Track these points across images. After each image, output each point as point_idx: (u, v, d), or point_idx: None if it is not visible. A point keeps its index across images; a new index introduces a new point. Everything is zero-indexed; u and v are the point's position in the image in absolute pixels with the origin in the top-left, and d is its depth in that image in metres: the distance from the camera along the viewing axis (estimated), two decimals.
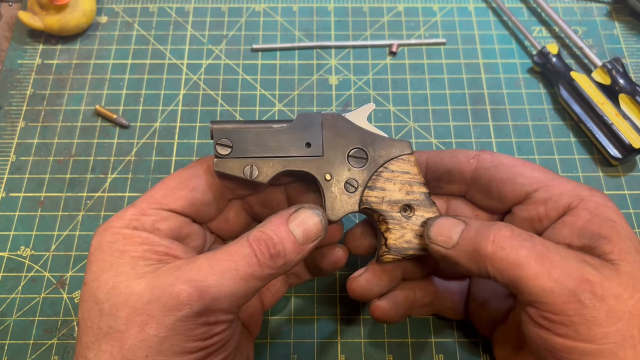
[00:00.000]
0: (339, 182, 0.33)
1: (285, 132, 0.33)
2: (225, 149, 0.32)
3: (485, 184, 0.34)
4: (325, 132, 0.33)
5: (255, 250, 0.28)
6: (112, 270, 0.28)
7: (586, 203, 0.31)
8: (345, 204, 0.33)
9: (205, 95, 0.53)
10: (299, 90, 0.53)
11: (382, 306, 0.36)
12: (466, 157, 0.35)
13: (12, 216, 0.47)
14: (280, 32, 0.57)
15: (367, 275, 0.35)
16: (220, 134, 0.32)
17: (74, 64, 0.55)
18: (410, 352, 0.42)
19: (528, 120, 0.51)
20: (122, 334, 0.27)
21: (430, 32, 0.57)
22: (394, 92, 0.53)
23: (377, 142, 0.34)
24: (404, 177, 0.34)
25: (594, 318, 0.26)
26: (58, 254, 0.45)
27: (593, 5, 0.58)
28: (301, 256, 0.30)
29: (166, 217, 0.31)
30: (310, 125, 0.33)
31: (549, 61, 0.52)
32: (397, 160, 0.34)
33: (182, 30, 0.57)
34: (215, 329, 0.28)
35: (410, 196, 0.34)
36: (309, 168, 0.33)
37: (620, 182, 0.48)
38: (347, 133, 0.34)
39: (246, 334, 0.37)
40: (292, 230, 0.30)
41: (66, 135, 0.51)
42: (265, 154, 0.32)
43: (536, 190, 0.32)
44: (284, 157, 0.33)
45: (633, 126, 0.48)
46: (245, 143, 0.32)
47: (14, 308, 0.43)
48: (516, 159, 0.34)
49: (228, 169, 0.32)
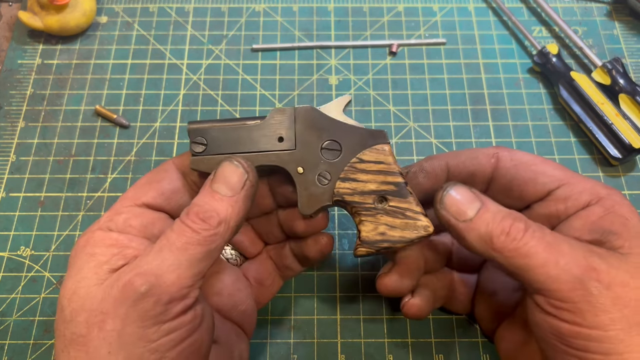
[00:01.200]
0: (312, 175, 0.33)
1: (259, 127, 0.33)
2: (200, 146, 0.33)
3: (506, 184, 0.34)
4: (298, 125, 0.33)
5: (184, 221, 0.29)
6: (76, 276, 0.29)
7: (603, 201, 0.31)
8: (318, 197, 0.33)
9: (205, 95, 0.53)
10: (299, 90, 0.53)
11: (416, 303, 0.36)
12: (486, 158, 0.34)
13: (12, 216, 0.47)
14: (280, 32, 0.57)
15: (398, 269, 0.35)
16: (195, 133, 0.33)
17: (74, 64, 0.55)
18: (410, 352, 0.42)
19: (528, 120, 0.51)
20: (85, 337, 0.27)
21: (430, 32, 0.57)
22: (394, 92, 0.53)
23: (351, 133, 0.33)
24: (378, 167, 0.33)
25: (600, 305, 0.26)
26: (58, 254, 0.45)
27: (593, 5, 0.58)
28: (238, 207, 0.30)
29: (138, 213, 0.32)
30: (283, 120, 0.33)
31: (549, 61, 0.52)
32: (370, 150, 0.33)
33: (182, 30, 0.57)
34: (171, 309, 0.28)
35: (384, 187, 0.33)
36: (281, 162, 0.33)
37: (620, 182, 0.48)
38: (320, 125, 0.33)
39: (239, 332, 0.37)
40: (215, 189, 0.30)
41: (66, 135, 0.51)
42: (238, 150, 0.33)
43: (557, 188, 0.33)
44: (256, 152, 0.33)
45: (633, 126, 0.48)
46: (219, 140, 0.33)
47: (14, 308, 0.43)
48: (535, 157, 0.34)
49: (203, 166, 0.33)
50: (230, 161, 0.31)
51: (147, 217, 0.32)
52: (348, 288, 0.44)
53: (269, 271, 0.39)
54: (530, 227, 0.29)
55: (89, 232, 0.31)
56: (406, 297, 0.37)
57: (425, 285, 0.37)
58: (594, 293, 0.27)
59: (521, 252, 0.28)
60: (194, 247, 0.28)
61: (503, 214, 0.30)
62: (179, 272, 0.28)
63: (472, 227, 0.30)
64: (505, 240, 0.29)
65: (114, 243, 0.30)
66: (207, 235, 0.29)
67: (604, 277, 0.27)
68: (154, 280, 0.27)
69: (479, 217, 0.30)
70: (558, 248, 0.28)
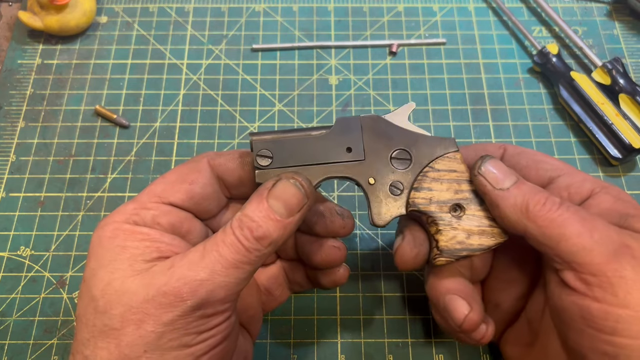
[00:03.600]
0: (384, 185, 0.32)
1: (325, 138, 0.32)
2: (266, 159, 0.32)
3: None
4: (365, 135, 0.32)
5: (238, 237, 0.28)
6: (109, 267, 0.28)
7: (608, 189, 0.31)
8: (391, 207, 0.32)
9: (205, 95, 0.53)
10: (299, 90, 0.53)
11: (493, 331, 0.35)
12: (495, 148, 0.36)
13: (12, 216, 0.47)
14: (280, 32, 0.57)
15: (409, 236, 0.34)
16: (260, 146, 0.31)
17: (74, 64, 0.55)
18: (410, 352, 0.42)
19: (528, 120, 0.51)
20: (118, 331, 0.27)
21: (430, 32, 0.57)
22: (394, 92, 0.53)
23: (419, 141, 0.33)
24: (451, 175, 0.33)
25: (633, 282, 0.26)
26: (58, 254, 0.45)
27: (593, 5, 0.58)
28: (289, 231, 0.29)
29: (166, 211, 0.31)
30: (349, 130, 0.32)
31: (549, 61, 0.52)
32: (442, 158, 0.33)
33: (182, 30, 0.57)
34: (213, 320, 0.28)
35: (459, 195, 0.33)
36: (352, 173, 0.32)
37: (620, 182, 0.48)
38: (388, 135, 0.33)
39: (245, 334, 0.37)
40: (272, 207, 0.29)
41: (66, 135, 0.51)
42: (306, 162, 0.32)
43: (559, 176, 0.33)
44: (325, 163, 0.32)
45: (633, 126, 0.48)
46: (285, 153, 0.32)
47: (14, 308, 0.43)
48: (538, 152, 0.35)
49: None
50: (293, 181, 0.30)
51: (174, 216, 0.31)
52: (348, 288, 0.44)
53: (279, 282, 0.39)
54: (565, 202, 0.30)
55: (115, 222, 0.30)
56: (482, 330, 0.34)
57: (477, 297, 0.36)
58: (627, 268, 0.26)
59: (556, 222, 0.28)
60: (245, 266, 0.28)
61: (539, 188, 0.31)
62: (228, 288, 0.28)
63: (508, 196, 0.30)
64: (541, 210, 0.29)
65: (145, 237, 0.29)
66: (257, 255, 0.28)
67: (638, 254, 0.27)
68: (204, 295, 0.27)
69: (516, 187, 0.31)
70: (592, 223, 0.28)
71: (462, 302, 0.34)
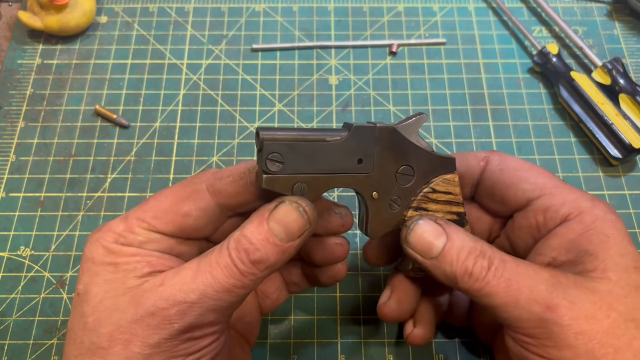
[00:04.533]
0: (385, 200, 0.32)
1: (339, 146, 0.30)
2: (276, 165, 0.29)
3: (489, 187, 0.34)
4: (378, 147, 0.31)
5: (234, 259, 0.27)
6: (102, 284, 0.28)
7: (583, 216, 0.30)
8: (387, 222, 0.32)
9: (205, 95, 0.53)
10: (299, 90, 0.53)
11: (419, 334, 0.36)
12: (476, 160, 0.34)
13: (12, 216, 0.47)
14: (280, 32, 0.57)
15: (396, 297, 0.35)
16: (272, 148, 0.28)
17: (74, 64, 0.55)
18: (410, 352, 0.42)
19: (528, 120, 0.51)
20: (106, 350, 0.26)
21: (430, 32, 0.56)
22: (394, 92, 0.53)
23: (424, 159, 0.32)
24: (447, 197, 0.33)
25: (562, 340, 0.26)
26: (58, 254, 0.45)
27: (593, 5, 0.58)
28: (287, 255, 0.28)
29: (155, 239, 0.30)
30: (364, 140, 0.31)
31: (549, 61, 0.52)
32: (442, 180, 0.33)
33: (182, 30, 0.57)
34: (201, 342, 0.28)
35: (448, 216, 0.33)
36: (358, 186, 0.31)
37: (620, 182, 0.48)
38: (399, 149, 0.32)
39: (242, 343, 0.36)
40: (272, 230, 0.28)
41: (66, 135, 0.51)
42: (317, 170, 0.30)
43: (538, 198, 0.32)
44: (334, 174, 0.30)
45: (633, 126, 0.48)
46: (297, 158, 0.29)
47: (14, 308, 0.43)
48: (524, 163, 0.34)
49: (278, 187, 0.29)
50: (296, 205, 0.28)
51: (163, 244, 0.30)
52: (348, 288, 0.44)
53: (276, 285, 0.38)
54: (493, 263, 0.29)
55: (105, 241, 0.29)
56: (408, 328, 0.36)
57: (425, 309, 0.37)
58: (555, 330, 0.27)
59: (483, 291, 0.28)
60: (238, 290, 0.27)
61: (468, 248, 0.29)
62: (218, 312, 0.27)
63: (437, 266, 0.30)
64: (468, 282, 0.29)
65: (135, 253, 0.29)
66: (252, 279, 0.28)
67: (566, 312, 0.27)
68: (193, 319, 0.26)
69: (443, 255, 0.30)
70: (518, 285, 0.28)
71: (387, 291, 0.35)
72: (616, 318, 0.27)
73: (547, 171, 0.33)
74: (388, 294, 0.35)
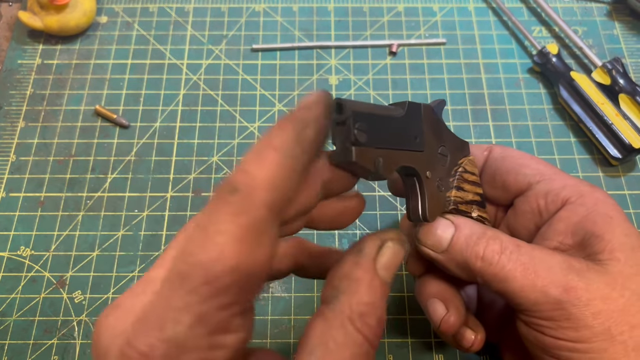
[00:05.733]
0: (435, 180, 0.31)
1: (402, 122, 0.28)
2: (364, 135, 0.25)
3: (491, 174, 0.35)
4: (425, 125, 0.30)
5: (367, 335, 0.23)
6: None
7: (584, 199, 0.31)
8: (439, 204, 0.31)
9: (205, 95, 0.53)
10: (299, 90, 0.53)
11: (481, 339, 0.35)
12: (480, 150, 0.35)
13: (12, 216, 0.47)
14: (280, 32, 0.57)
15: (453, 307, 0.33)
16: (359, 117, 0.25)
17: (74, 64, 0.55)
18: (410, 352, 0.42)
19: (528, 120, 0.51)
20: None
21: (430, 32, 0.57)
22: (394, 92, 0.53)
23: (452, 140, 0.32)
24: (473, 177, 0.33)
25: (580, 321, 0.27)
26: (58, 254, 0.45)
27: (593, 5, 0.58)
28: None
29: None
30: (416, 117, 0.29)
31: (549, 61, 0.52)
32: (469, 160, 0.33)
33: (182, 30, 0.57)
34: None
35: (476, 197, 0.33)
36: (417, 164, 0.29)
37: (620, 182, 0.48)
38: (437, 129, 0.31)
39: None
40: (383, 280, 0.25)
41: (66, 135, 0.51)
42: (392, 145, 0.27)
43: (538, 182, 0.32)
44: (402, 149, 0.28)
45: (633, 126, 0.48)
46: (378, 131, 0.26)
47: (14, 308, 0.43)
48: (524, 154, 0.34)
49: (366, 160, 0.25)
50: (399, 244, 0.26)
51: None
52: None
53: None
54: (507, 247, 0.29)
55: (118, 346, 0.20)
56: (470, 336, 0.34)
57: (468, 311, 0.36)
58: (572, 311, 0.27)
59: (499, 276, 0.28)
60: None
61: (477, 234, 0.30)
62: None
63: (449, 257, 0.30)
64: (482, 266, 0.29)
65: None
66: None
67: (583, 294, 0.27)
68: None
69: (453, 245, 0.30)
70: (535, 269, 0.28)
71: (440, 304, 0.33)
72: (630, 296, 0.27)
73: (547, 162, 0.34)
74: (442, 307, 0.33)
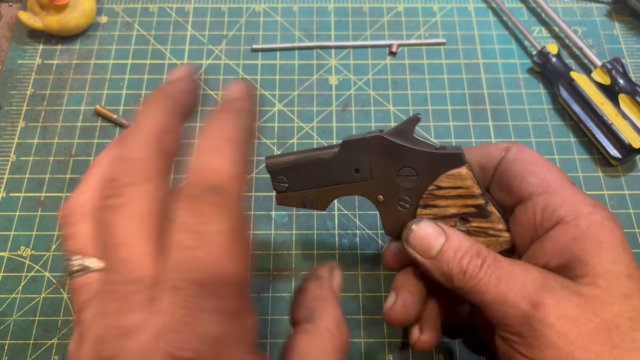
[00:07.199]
0: (393, 201, 0.34)
1: (334, 161, 0.34)
2: (282, 185, 0.34)
3: (500, 175, 0.34)
4: (371, 156, 0.34)
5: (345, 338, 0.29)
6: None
7: (579, 220, 0.30)
8: (400, 221, 0.34)
9: (205, 95, 0.53)
10: (299, 90, 0.53)
11: (427, 340, 0.36)
12: (497, 151, 0.34)
13: (12, 216, 0.47)
14: (280, 32, 0.57)
15: (401, 300, 0.35)
16: (276, 172, 0.34)
17: (74, 64, 0.55)
18: (410, 352, 0.42)
19: (528, 120, 0.51)
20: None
21: (430, 32, 0.57)
22: (393, 92, 0.53)
23: (424, 158, 0.33)
24: (457, 192, 0.33)
25: (546, 340, 0.27)
26: (58, 254, 0.45)
27: (593, 5, 0.58)
28: None
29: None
30: (355, 152, 0.34)
31: (549, 61, 0.52)
32: (447, 176, 0.33)
33: (182, 30, 0.57)
34: None
35: (465, 209, 0.33)
36: (361, 192, 0.34)
37: (620, 182, 0.48)
38: (393, 154, 0.33)
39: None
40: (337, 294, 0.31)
41: (66, 135, 0.51)
42: (319, 184, 0.34)
43: (539, 194, 0.31)
44: (336, 185, 0.34)
45: (633, 126, 0.48)
46: (299, 177, 0.34)
47: (14, 308, 0.43)
48: (540, 158, 0.33)
49: (289, 202, 0.35)
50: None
51: None
52: (347, 288, 0.44)
53: None
54: (486, 261, 0.30)
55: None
56: (415, 334, 0.36)
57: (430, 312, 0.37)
58: (539, 328, 0.27)
59: (475, 289, 0.29)
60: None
61: (465, 248, 0.31)
62: None
63: (436, 266, 0.31)
64: (462, 280, 0.30)
65: None
66: None
67: (551, 311, 0.27)
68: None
69: (441, 254, 0.31)
70: (508, 282, 0.29)
71: (392, 296, 0.35)
72: (599, 324, 0.27)
73: (561, 171, 0.33)
74: (393, 298, 0.35)
